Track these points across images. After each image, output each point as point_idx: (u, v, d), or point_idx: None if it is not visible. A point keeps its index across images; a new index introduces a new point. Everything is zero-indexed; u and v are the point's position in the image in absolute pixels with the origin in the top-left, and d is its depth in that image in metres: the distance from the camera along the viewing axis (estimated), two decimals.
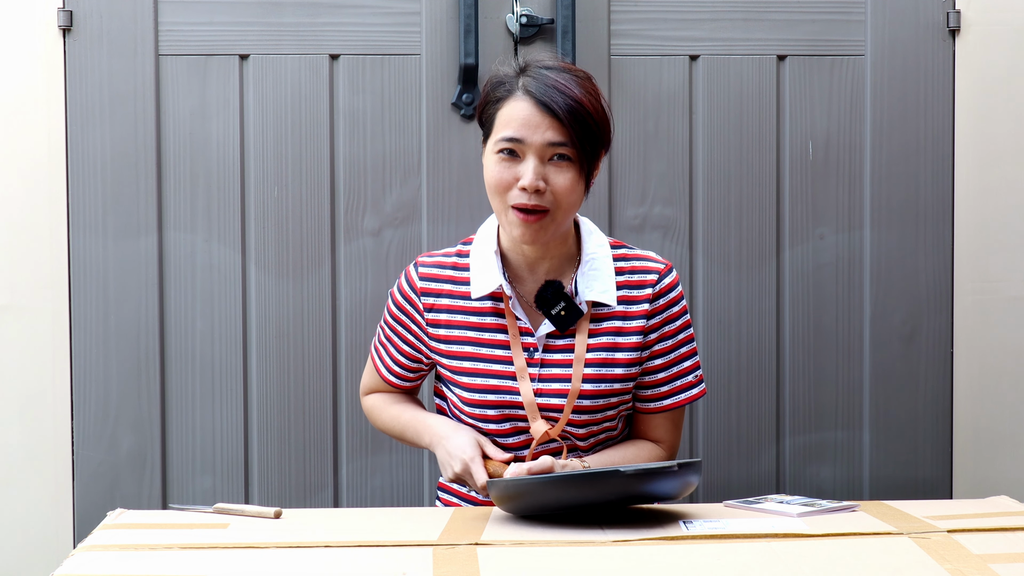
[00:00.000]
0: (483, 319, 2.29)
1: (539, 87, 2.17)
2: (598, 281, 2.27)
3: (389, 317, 2.38)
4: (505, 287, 2.26)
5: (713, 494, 2.87)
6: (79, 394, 2.80)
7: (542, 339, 2.27)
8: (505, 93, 2.20)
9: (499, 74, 2.24)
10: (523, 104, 2.17)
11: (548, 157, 2.17)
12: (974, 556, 1.77)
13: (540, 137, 2.16)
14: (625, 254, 2.32)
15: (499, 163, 2.18)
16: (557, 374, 2.26)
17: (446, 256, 2.34)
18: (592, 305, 2.27)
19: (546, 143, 2.16)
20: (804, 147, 2.88)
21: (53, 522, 2.82)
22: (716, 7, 2.86)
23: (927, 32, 2.88)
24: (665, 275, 2.31)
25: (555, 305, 2.24)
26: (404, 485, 2.86)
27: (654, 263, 2.32)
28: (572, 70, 2.22)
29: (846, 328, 2.90)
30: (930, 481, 2.91)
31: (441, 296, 2.32)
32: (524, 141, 2.16)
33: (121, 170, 2.79)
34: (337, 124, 2.83)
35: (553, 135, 2.16)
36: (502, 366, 2.27)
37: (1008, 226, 2.92)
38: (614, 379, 2.27)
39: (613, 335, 2.27)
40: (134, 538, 1.91)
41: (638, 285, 2.30)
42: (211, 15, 2.80)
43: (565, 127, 2.15)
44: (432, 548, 1.83)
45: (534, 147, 2.16)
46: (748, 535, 1.88)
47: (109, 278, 2.80)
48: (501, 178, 2.18)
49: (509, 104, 2.19)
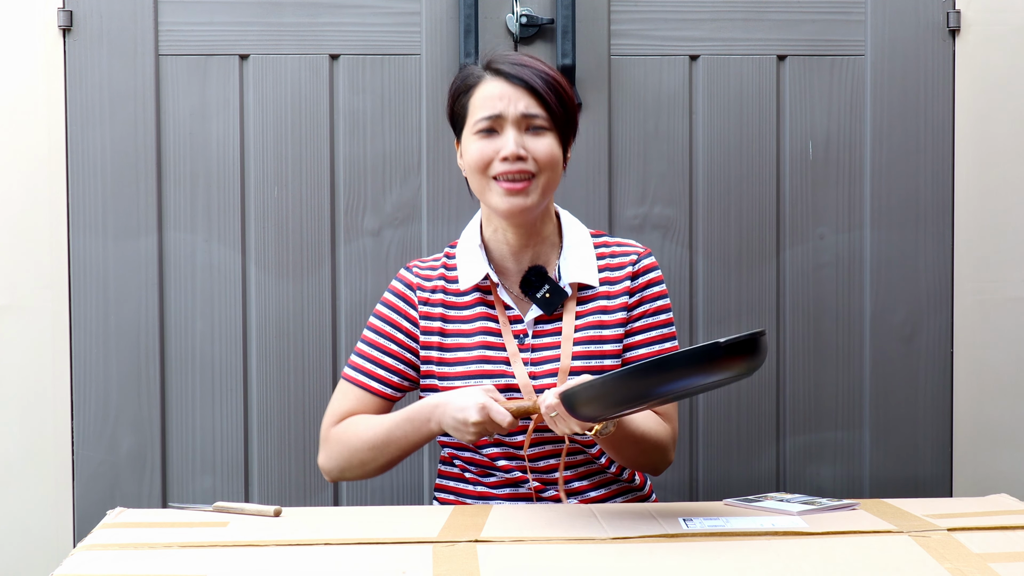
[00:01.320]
0: (474, 310, 2.34)
1: (509, 67, 2.28)
2: (579, 264, 2.34)
3: (378, 320, 2.39)
4: (492, 275, 2.33)
5: (713, 493, 2.87)
6: (79, 394, 2.80)
7: (531, 324, 2.32)
8: (476, 80, 2.30)
9: (464, 70, 2.34)
10: (495, 83, 2.27)
11: (525, 128, 2.27)
12: (974, 555, 1.77)
13: (515, 109, 2.26)
14: (605, 241, 2.40)
15: (478, 141, 2.27)
16: (548, 356, 2.31)
17: (435, 260, 2.42)
18: (577, 288, 2.33)
19: (521, 114, 2.26)
20: (804, 147, 2.88)
21: (53, 522, 2.82)
22: (716, 7, 2.86)
23: (927, 32, 2.88)
24: (643, 257, 2.38)
25: (540, 288, 2.31)
26: (404, 485, 2.86)
27: (632, 247, 2.39)
28: (536, 58, 2.32)
29: (846, 328, 2.90)
30: (930, 480, 2.91)
31: (436, 292, 2.37)
32: (501, 115, 2.26)
33: (121, 170, 2.79)
34: (337, 124, 2.83)
35: (527, 104, 2.26)
36: (495, 352, 2.31)
37: (1008, 226, 2.92)
38: (604, 355, 2.31)
39: (599, 314, 2.33)
40: (134, 537, 1.91)
41: (618, 267, 2.36)
42: (211, 15, 2.80)
43: (539, 96, 2.26)
44: (432, 545, 1.83)
45: (511, 119, 2.26)
46: (748, 533, 1.88)
47: (109, 278, 2.80)
48: (482, 154, 2.26)
49: (481, 88, 2.28)
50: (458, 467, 2.37)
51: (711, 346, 1.83)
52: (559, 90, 2.27)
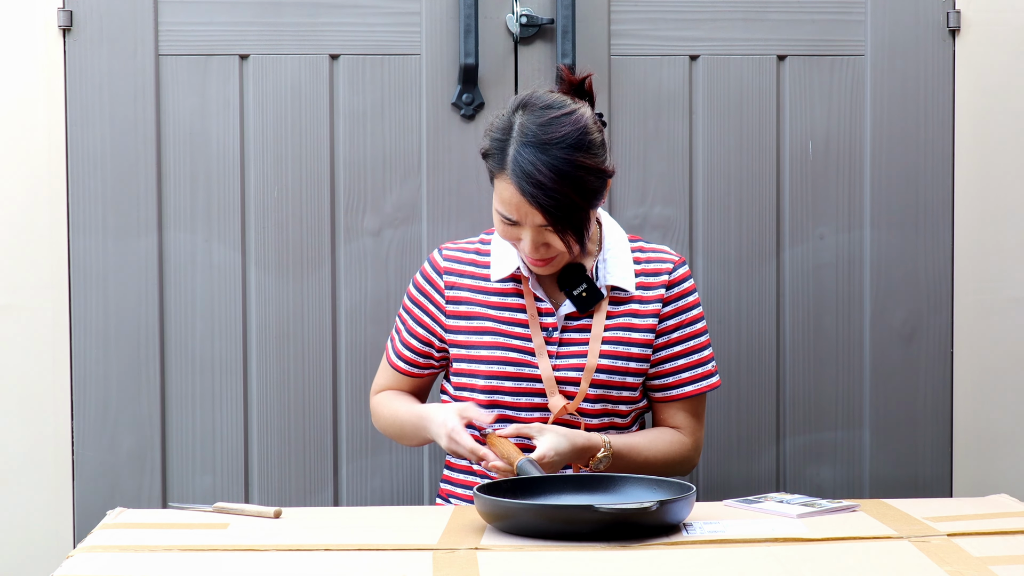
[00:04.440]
0: (503, 299, 2.37)
1: (520, 175, 2.21)
2: (618, 268, 2.38)
3: (408, 301, 2.46)
4: (523, 268, 2.35)
5: (713, 494, 2.88)
6: (79, 394, 2.80)
7: (561, 319, 2.36)
8: (498, 164, 2.25)
9: (493, 128, 2.29)
10: (512, 190, 2.23)
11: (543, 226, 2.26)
12: (974, 559, 1.78)
13: (530, 221, 2.24)
14: (642, 247, 2.44)
15: (502, 223, 2.28)
16: (575, 351, 2.35)
17: (469, 243, 2.46)
18: (610, 290, 2.37)
19: (536, 225, 2.25)
20: (804, 147, 2.88)
21: (53, 522, 2.82)
22: (716, 7, 2.86)
23: (927, 32, 2.87)
24: (679, 266, 2.42)
25: (577, 286, 2.34)
26: (404, 485, 2.86)
27: (668, 255, 2.44)
28: (564, 125, 2.23)
29: (846, 328, 2.90)
30: (930, 481, 2.91)
31: (464, 276, 2.40)
32: (518, 223, 2.26)
33: (121, 170, 2.79)
34: (337, 124, 2.83)
35: (540, 219, 2.24)
36: (521, 342, 2.35)
37: (1008, 226, 2.92)
38: (630, 357, 2.36)
39: (630, 316, 2.37)
40: (133, 539, 1.91)
41: (654, 273, 2.40)
42: (211, 15, 2.79)
43: (548, 215, 2.22)
44: (432, 552, 1.83)
45: (528, 225, 2.25)
46: (748, 540, 1.88)
47: (109, 278, 2.79)
48: (507, 235, 2.30)
49: (501, 180, 2.26)
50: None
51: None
52: (570, 202, 2.21)
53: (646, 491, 2.05)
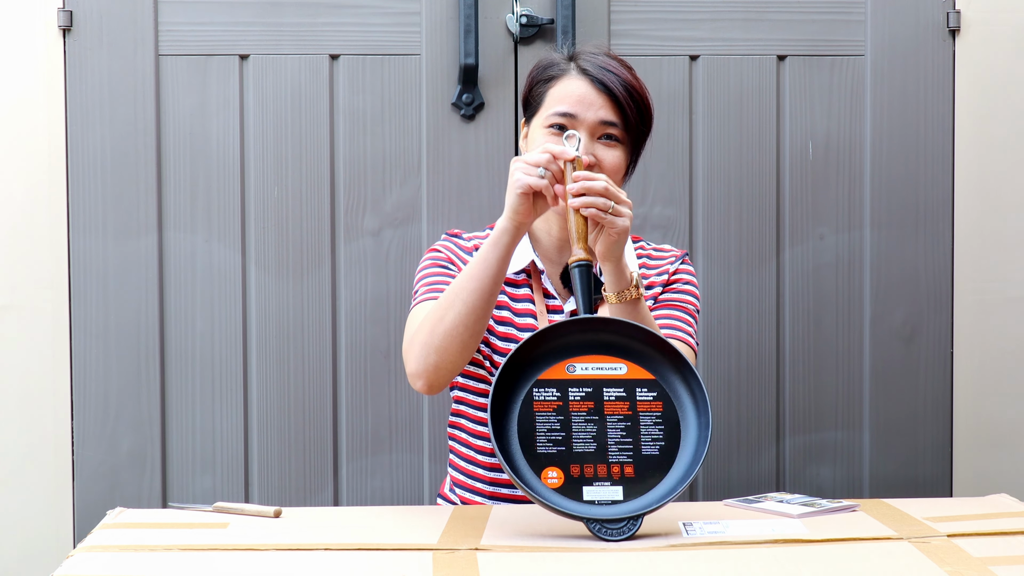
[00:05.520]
0: (515, 290, 2.35)
1: (595, 67, 2.23)
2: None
3: (431, 266, 2.33)
4: (537, 262, 2.33)
5: (713, 493, 2.88)
6: (79, 394, 2.80)
7: (568, 315, 2.33)
8: (558, 72, 2.26)
9: (549, 57, 2.31)
10: (578, 83, 2.23)
11: (597, 136, 2.23)
12: (974, 559, 1.78)
13: (593, 115, 2.21)
14: (643, 246, 2.42)
15: (548, 137, 2.22)
16: None
17: (481, 234, 2.42)
18: None
19: (598, 121, 2.21)
20: (804, 147, 2.88)
21: (53, 522, 2.82)
22: (716, 7, 2.86)
23: (927, 32, 2.87)
24: (680, 260, 2.40)
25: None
26: (404, 485, 2.86)
27: (669, 251, 2.42)
28: (622, 60, 2.27)
29: (846, 328, 2.90)
30: (930, 480, 2.91)
31: None
32: (577, 117, 2.21)
33: (121, 170, 2.79)
34: (337, 124, 2.83)
35: (606, 114, 2.21)
36: (528, 333, 2.31)
37: (1008, 226, 2.92)
38: None
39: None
40: (133, 538, 1.91)
41: (655, 267, 2.38)
42: (211, 15, 2.79)
43: (619, 106, 2.21)
44: (432, 552, 1.83)
45: (586, 124, 2.21)
46: (748, 542, 1.88)
47: (109, 278, 2.79)
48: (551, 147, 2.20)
49: (563, 82, 2.24)
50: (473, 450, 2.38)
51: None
52: (640, 101, 2.24)
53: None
